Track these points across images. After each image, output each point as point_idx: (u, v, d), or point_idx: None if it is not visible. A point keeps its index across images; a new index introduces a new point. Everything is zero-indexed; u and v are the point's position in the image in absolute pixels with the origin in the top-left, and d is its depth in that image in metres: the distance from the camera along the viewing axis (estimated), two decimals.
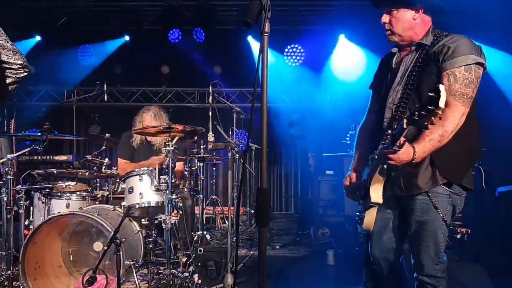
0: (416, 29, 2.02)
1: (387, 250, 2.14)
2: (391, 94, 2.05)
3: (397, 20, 2.01)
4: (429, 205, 1.94)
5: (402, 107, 1.95)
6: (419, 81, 1.94)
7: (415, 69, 1.98)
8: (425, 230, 1.95)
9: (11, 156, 3.05)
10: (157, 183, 3.29)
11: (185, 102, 7.37)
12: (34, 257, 3.08)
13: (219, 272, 3.48)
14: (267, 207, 1.27)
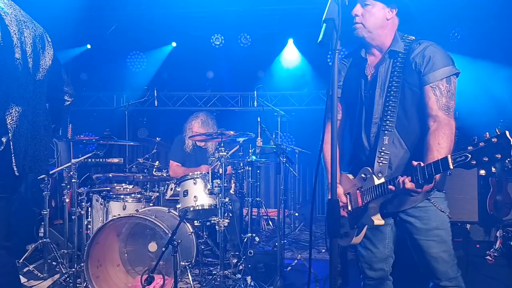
0: (385, 29, 1.93)
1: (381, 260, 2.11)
2: (375, 109, 1.95)
3: (371, 14, 1.90)
4: (435, 210, 1.91)
5: (389, 121, 1.90)
6: (401, 94, 1.89)
7: (395, 80, 1.90)
8: (436, 235, 1.91)
9: (76, 160, 3.25)
10: (210, 186, 3.41)
11: (228, 106, 7.51)
12: (96, 256, 3.26)
13: (269, 274, 3.55)
14: (338, 218, 1.31)
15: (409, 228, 1.97)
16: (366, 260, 2.12)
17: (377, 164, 1.89)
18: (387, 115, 1.90)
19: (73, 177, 3.27)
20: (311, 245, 1.58)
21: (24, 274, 3.83)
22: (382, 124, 1.92)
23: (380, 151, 1.89)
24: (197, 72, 7.46)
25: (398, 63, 1.90)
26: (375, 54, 2.00)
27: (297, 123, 7.11)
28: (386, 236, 2.10)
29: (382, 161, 1.89)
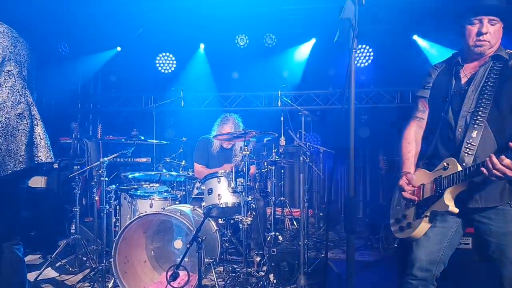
0: (499, 41, 2.06)
1: (433, 262, 2.11)
2: (466, 103, 2.04)
3: (496, 31, 2.04)
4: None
5: (480, 115, 1.97)
6: (497, 92, 1.97)
7: (491, 79, 2.00)
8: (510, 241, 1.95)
9: (105, 159, 3.36)
10: (234, 185, 3.46)
11: (253, 106, 7.55)
12: (124, 252, 3.36)
13: (292, 273, 3.57)
14: (355, 215, 1.32)
15: (483, 228, 2.03)
16: (417, 258, 2.12)
17: (463, 154, 1.97)
18: (479, 110, 1.99)
19: (102, 175, 3.39)
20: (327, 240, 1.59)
21: (56, 269, 4.00)
22: (472, 117, 2.00)
23: (467, 142, 1.97)
24: (222, 73, 7.54)
25: (498, 66, 2.03)
26: (478, 60, 2.11)
27: (322, 123, 7.08)
28: (446, 240, 2.12)
29: (469, 152, 1.97)
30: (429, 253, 2.10)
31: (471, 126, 1.99)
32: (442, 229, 2.10)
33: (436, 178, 2.03)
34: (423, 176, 2.12)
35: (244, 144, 3.42)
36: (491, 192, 1.97)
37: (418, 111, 2.30)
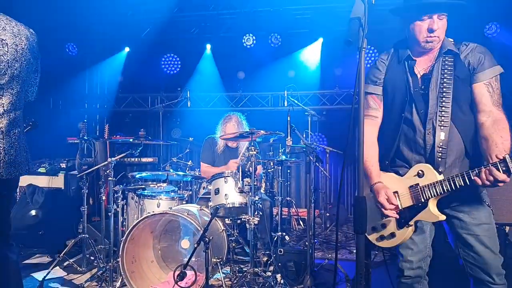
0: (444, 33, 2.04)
1: (421, 259, 2.12)
2: (431, 104, 1.99)
3: (444, 25, 1.99)
4: (483, 205, 2.01)
5: (444, 116, 1.96)
6: (455, 90, 1.96)
7: (447, 77, 1.98)
8: (486, 230, 1.98)
9: (112, 159, 3.38)
10: (241, 185, 3.47)
11: (259, 106, 7.55)
12: (131, 252, 3.37)
13: (299, 273, 3.56)
14: (365, 215, 1.32)
15: (456, 223, 2.03)
16: (407, 259, 2.12)
17: (437, 160, 1.95)
18: (442, 111, 1.97)
19: (110, 175, 3.41)
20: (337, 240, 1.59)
21: (64, 268, 4.03)
22: (437, 119, 1.98)
23: (439, 146, 1.95)
24: (228, 73, 7.56)
25: (448, 61, 2.00)
26: (427, 54, 2.07)
27: (328, 123, 7.07)
28: (427, 235, 2.13)
29: (441, 156, 1.95)
30: (417, 252, 2.11)
31: (438, 128, 1.97)
32: (422, 228, 2.10)
33: (412, 186, 1.99)
34: (392, 182, 2.05)
35: (250, 144, 3.42)
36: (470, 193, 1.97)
37: (370, 109, 2.18)
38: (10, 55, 2.11)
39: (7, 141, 2.11)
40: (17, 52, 2.14)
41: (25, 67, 2.20)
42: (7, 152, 2.11)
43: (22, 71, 2.18)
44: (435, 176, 1.92)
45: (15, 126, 2.17)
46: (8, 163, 2.12)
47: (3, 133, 2.09)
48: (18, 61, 2.15)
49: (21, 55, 2.16)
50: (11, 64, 2.12)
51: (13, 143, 2.15)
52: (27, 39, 2.20)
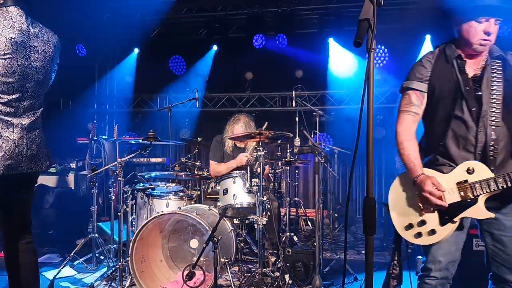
0: None
1: (451, 261, 2.09)
2: (484, 102, 2.01)
3: (497, 31, 2.02)
4: None
5: (495, 116, 1.99)
6: (505, 91, 2.00)
7: (496, 79, 2.02)
8: None
9: (122, 159, 3.41)
10: (249, 185, 3.48)
11: (267, 106, 7.56)
12: (140, 251, 3.39)
13: (308, 274, 3.56)
14: (374, 216, 1.32)
15: (494, 223, 2.03)
16: (436, 259, 2.09)
17: (489, 158, 1.97)
18: (493, 110, 2.00)
19: (119, 175, 3.43)
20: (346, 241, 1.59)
21: (74, 267, 4.07)
22: (489, 118, 2.00)
23: (491, 144, 1.98)
24: (236, 74, 7.58)
25: (497, 64, 2.05)
26: (476, 57, 2.10)
27: (336, 123, 7.05)
28: (461, 239, 2.11)
29: (493, 155, 1.98)
30: (448, 253, 2.08)
31: (489, 127, 1.99)
32: (462, 227, 2.08)
33: (461, 182, 1.99)
34: (436, 178, 2.04)
35: (258, 145, 3.42)
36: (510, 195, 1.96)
37: (412, 105, 2.16)
38: (39, 62, 2.27)
39: (29, 137, 2.25)
40: (45, 59, 2.30)
41: (49, 72, 2.37)
42: (28, 147, 2.24)
43: (46, 76, 2.35)
44: (488, 173, 1.93)
45: (36, 123, 2.31)
46: (30, 158, 2.25)
47: (25, 130, 2.23)
48: (44, 67, 2.31)
49: (47, 62, 2.32)
50: (39, 70, 2.28)
51: (34, 139, 2.29)
52: (54, 46, 2.37)
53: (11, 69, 2.13)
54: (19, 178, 2.26)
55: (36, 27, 2.27)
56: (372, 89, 1.28)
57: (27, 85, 2.23)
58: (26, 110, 2.24)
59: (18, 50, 2.15)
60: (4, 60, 2.10)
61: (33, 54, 2.23)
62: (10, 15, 2.15)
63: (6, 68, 2.11)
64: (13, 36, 2.12)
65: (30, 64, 2.22)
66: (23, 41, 2.17)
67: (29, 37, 2.21)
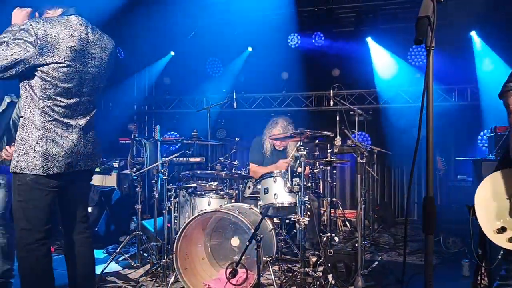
0: None
1: None
2: None
3: None
4: None
5: None
6: None
7: None
8: None
9: (166, 159, 3.50)
10: (290, 185, 3.48)
11: (302, 106, 7.53)
12: (184, 249, 3.46)
13: (349, 274, 3.53)
14: (434, 215, 1.30)
15: None
16: None
17: None
18: None
19: (164, 174, 3.53)
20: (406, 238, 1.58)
21: (119, 263, 4.21)
22: None
23: None
24: (272, 74, 7.59)
25: None
26: None
27: (374, 122, 6.94)
28: None
29: None
30: None
31: None
32: None
33: None
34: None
35: (299, 144, 3.43)
36: None
37: None
38: (95, 68, 2.40)
39: (85, 136, 2.41)
40: (101, 65, 2.44)
41: (104, 77, 2.51)
42: (85, 146, 2.40)
43: (101, 81, 2.49)
44: None
45: (91, 124, 2.47)
46: (86, 156, 2.42)
47: (82, 130, 2.38)
48: (100, 72, 2.45)
49: (103, 68, 2.46)
50: (95, 76, 2.42)
51: (90, 138, 2.45)
52: (110, 53, 2.51)
53: (70, 75, 2.26)
54: (77, 175, 2.41)
55: (95, 35, 2.40)
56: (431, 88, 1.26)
57: (84, 90, 2.37)
58: (82, 112, 2.39)
59: (77, 57, 2.28)
60: (64, 68, 2.23)
61: (90, 61, 2.37)
62: (71, 24, 2.28)
63: (65, 75, 2.24)
64: (73, 44, 2.25)
65: (87, 70, 2.35)
66: (82, 49, 2.30)
67: (87, 45, 2.34)
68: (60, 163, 2.25)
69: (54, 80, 2.21)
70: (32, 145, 2.19)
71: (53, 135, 2.23)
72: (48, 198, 2.26)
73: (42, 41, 2.13)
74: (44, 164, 2.19)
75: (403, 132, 6.64)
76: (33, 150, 2.18)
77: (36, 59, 2.14)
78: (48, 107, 2.22)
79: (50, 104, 2.22)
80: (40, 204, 2.23)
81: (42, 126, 2.21)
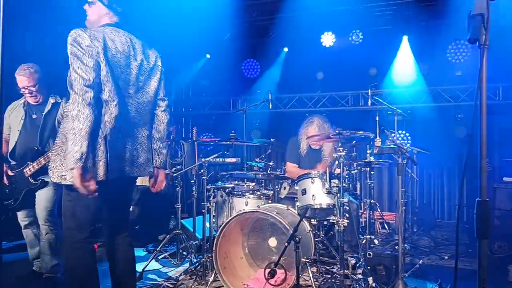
0: None
1: None
2: None
3: None
4: None
5: None
6: None
7: None
8: None
9: (206, 159, 3.56)
10: (328, 186, 3.46)
11: (338, 106, 7.44)
12: (223, 248, 3.51)
13: (389, 277, 3.47)
14: (488, 219, 1.26)
15: None
16: None
17: None
18: None
19: (203, 174, 3.59)
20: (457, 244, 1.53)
21: (159, 261, 4.32)
22: None
23: None
24: (306, 74, 7.55)
25: None
26: None
27: (413, 122, 6.76)
28: None
29: None
30: None
31: None
32: None
33: None
34: None
35: (338, 145, 3.40)
36: None
37: None
38: (145, 75, 2.47)
39: (133, 143, 2.42)
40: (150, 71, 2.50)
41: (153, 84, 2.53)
42: (131, 152, 2.41)
43: (145, 84, 2.49)
44: None
45: (140, 130, 2.47)
46: (137, 164, 2.43)
47: (129, 136, 2.40)
48: (150, 79, 2.50)
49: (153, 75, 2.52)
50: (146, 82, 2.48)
51: (136, 144, 2.44)
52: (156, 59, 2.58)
53: (116, 78, 2.32)
54: (125, 181, 2.46)
55: (133, 39, 2.46)
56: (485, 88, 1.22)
57: (130, 91, 2.40)
58: (129, 116, 2.40)
59: (121, 60, 2.34)
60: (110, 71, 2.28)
61: (133, 63, 2.41)
62: (117, 32, 2.38)
63: (112, 78, 2.29)
64: (121, 49, 2.33)
65: (130, 72, 2.39)
66: (124, 51, 2.35)
67: (134, 50, 2.41)
68: (112, 169, 2.30)
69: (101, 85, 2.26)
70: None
71: (101, 141, 2.27)
72: (97, 201, 2.31)
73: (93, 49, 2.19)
74: (96, 169, 2.25)
75: (443, 132, 6.44)
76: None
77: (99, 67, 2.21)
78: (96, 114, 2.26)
79: (98, 110, 2.27)
80: (88, 206, 2.30)
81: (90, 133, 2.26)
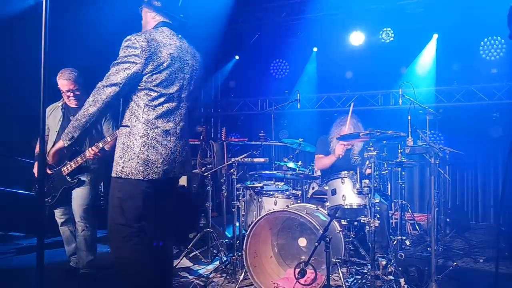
0: None
1: None
2: None
3: None
4: None
5: None
6: None
7: None
8: None
9: (236, 159, 3.61)
10: (359, 186, 3.43)
11: (368, 105, 7.36)
12: (253, 247, 3.54)
13: (422, 279, 3.41)
14: None
15: None
16: None
17: None
18: None
19: (233, 174, 3.63)
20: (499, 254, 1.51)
21: (190, 259, 4.39)
22: None
23: None
24: (335, 73, 7.51)
25: None
26: None
27: (445, 121, 6.61)
28: None
29: None
30: None
31: None
32: None
33: None
34: None
35: (369, 145, 3.36)
36: None
37: None
38: (190, 75, 2.50)
39: (181, 144, 2.50)
40: (194, 72, 2.54)
41: (198, 85, 2.60)
42: (180, 153, 2.50)
43: (195, 88, 2.57)
44: None
45: (186, 130, 2.56)
46: (181, 163, 2.52)
47: (178, 137, 2.48)
48: (195, 80, 2.55)
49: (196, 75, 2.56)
50: (190, 82, 2.51)
51: (184, 146, 2.53)
52: (201, 62, 2.62)
53: (171, 81, 2.39)
54: (169, 181, 2.52)
55: (184, 43, 2.52)
56: None
57: (182, 96, 2.47)
58: (180, 119, 2.48)
59: (176, 64, 2.40)
60: (166, 75, 2.35)
61: (186, 67, 2.48)
62: (166, 33, 2.43)
63: (167, 82, 2.37)
64: (171, 51, 2.38)
65: (184, 76, 2.46)
66: (178, 56, 2.42)
67: (182, 52, 2.46)
68: (158, 169, 2.37)
69: (157, 87, 2.33)
70: (136, 152, 2.32)
71: (154, 143, 2.35)
72: (144, 200, 2.38)
73: (147, 51, 2.27)
74: (145, 169, 2.32)
75: (477, 132, 6.26)
76: (137, 157, 2.32)
77: (144, 69, 2.28)
78: (150, 116, 2.35)
79: (152, 112, 2.35)
80: (136, 204, 2.37)
81: (144, 134, 2.33)
